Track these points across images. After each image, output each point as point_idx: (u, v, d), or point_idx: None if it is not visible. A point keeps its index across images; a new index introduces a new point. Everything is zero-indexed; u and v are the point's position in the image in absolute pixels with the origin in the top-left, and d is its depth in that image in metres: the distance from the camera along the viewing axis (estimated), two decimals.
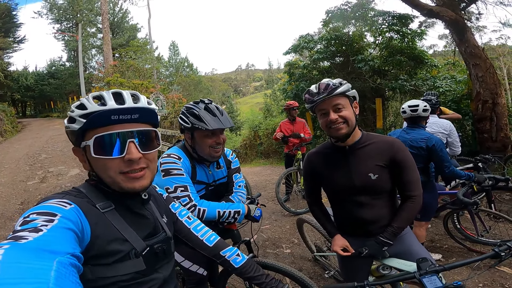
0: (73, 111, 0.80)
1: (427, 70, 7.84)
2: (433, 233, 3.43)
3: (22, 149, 10.06)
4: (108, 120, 0.77)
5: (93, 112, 0.78)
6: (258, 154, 10.93)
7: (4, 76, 16.32)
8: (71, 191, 0.82)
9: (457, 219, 3.04)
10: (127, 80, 12.80)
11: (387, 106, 8.65)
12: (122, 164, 0.79)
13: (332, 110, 1.38)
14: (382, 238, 1.39)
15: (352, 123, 1.41)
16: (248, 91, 64.01)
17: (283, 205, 4.43)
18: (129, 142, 0.79)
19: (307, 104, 1.46)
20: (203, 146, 1.58)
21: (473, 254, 2.89)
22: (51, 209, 0.67)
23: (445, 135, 3.21)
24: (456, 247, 3.03)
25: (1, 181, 6.99)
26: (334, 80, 1.40)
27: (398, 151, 1.41)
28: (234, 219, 1.62)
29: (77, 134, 0.80)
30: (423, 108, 2.60)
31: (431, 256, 1.56)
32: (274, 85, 24.66)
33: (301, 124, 5.02)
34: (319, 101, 1.38)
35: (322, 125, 1.45)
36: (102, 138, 0.77)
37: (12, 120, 15.01)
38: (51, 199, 0.72)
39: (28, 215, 0.64)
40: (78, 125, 0.79)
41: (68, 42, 24.57)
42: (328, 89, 1.36)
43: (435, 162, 2.56)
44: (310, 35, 8.99)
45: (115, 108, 0.78)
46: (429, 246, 3.12)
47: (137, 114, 0.81)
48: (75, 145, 0.84)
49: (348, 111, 1.40)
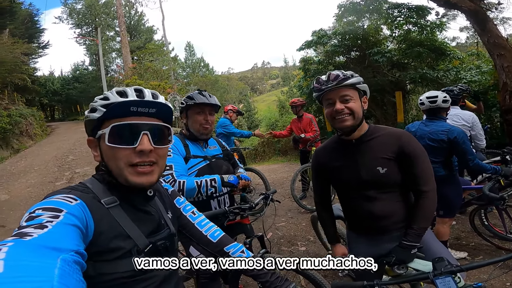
0: (96, 101, 0.85)
1: (450, 61, 7.46)
2: (459, 230, 3.26)
3: (51, 152, 10.63)
4: (127, 111, 0.81)
5: (114, 102, 0.82)
6: (276, 152, 10.90)
7: (32, 81, 17.15)
8: (77, 186, 0.83)
9: (484, 216, 2.86)
10: (145, 81, 13.17)
11: (409, 100, 8.32)
12: (133, 155, 0.80)
13: (339, 100, 1.34)
14: (406, 243, 1.30)
15: (359, 116, 1.35)
16: (265, 89, 63.82)
17: (299, 202, 4.38)
18: (142, 134, 0.81)
19: (315, 93, 1.42)
20: (194, 123, 1.84)
21: (502, 252, 2.72)
22: (56, 205, 0.67)
23: (468, 128, 3.03)
24: (484, 245, 2.87)
25: (31, 182, 7.42)
26: (346, 72, 1.36)
27: (407, 143, 1.35)
28: (213, 187, 1.72)
29: (95, 123, 0.84)
30: (443, 99, 2.46)
31: (451, 255, 1.48)
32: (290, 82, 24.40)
33: (307, 121, 4.97)
34: (326, 90, 1.34)
35: (327, 115, 1.40)
36: (118, 127, 0.80)
37: (42, 124, 15.82)
38: (57, 194, 0.73)
39: (34, 210, 0.65)
40: (98, 114, 0.82)
41: (89, 46, 25.55)
42: (337, 79, 1.32)
43: (458, 155, 2.42)
44: (324, 30, 8.81)
45: (135, 100, 0.83)
46: (455, 244, 2.98)
47: (154, 109, 0.84)
48: (90, 135, 0.87)
49: (355, 103, 1.35)
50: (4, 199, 6.32)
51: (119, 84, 16.08)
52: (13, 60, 13.43)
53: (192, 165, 1.80)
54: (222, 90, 27.05)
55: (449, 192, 2.46)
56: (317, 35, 8.61)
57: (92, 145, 0.88)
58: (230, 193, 1.97)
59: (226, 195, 1.94)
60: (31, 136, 13.33)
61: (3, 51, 12.78)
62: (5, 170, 8.81)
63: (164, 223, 0.94)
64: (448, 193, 2.46)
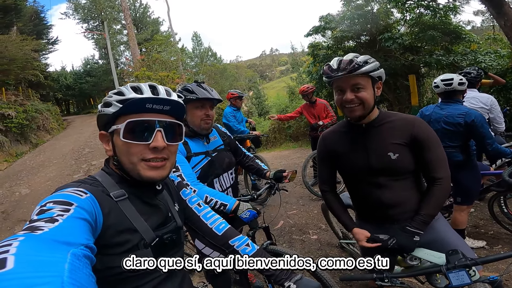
0: (111, 97, 0.86)
1: (466, 45, 7.17)
2: (477, 217, 3.16)
3: (68, 145, 10.97)
4: (143, 107, 0.82)
5: (130, 98, 0.83)
6: (287, 138, 10.87)
7: (44, 77, 17.49)
8: (87, 179, 0.84)
9: (504, 202, 2.76)
10: (154, 73, 13.20)
11: (423, 83, 8.07)
12: (147, 151, 0.82)
13: (350, 89, 1.28)
14: (410, 228, 1.26)
15: (369, 105, 1.30)
16: (274, 76, 62.97)
17: (310, 189, 4.33)
18: (157, 130, 0.83)
19: (325, 78, 1.36)
20: (194, 118, 1.73)
21: None
22: (67, 198, 0.68)
23: (486, 111, 2.88)
24: (503, 233, 2.78)
25: (50, 176, 7.70)
26: (360, 57, 1.28)
27: (420, 128, 1.29)
28: (220, 210, 1.62)
29: (109, 118, 0.84)
30: (459, 82, 2.35)
31: (467, 245, 1.43)
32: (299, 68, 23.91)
33: (321, 106, 4.80)
34: (336, 78, 1.28)
35: (337, 102, 1.35)
36: (133, 123, 0.81)
37: (58, 118, 16.24)
38: (68, 188, 0.74)
39: (45, 203, 0.65)
40: (113, 109, 0.83)
41: (97, 40, 25.71)
42: (349, 67, 1.24)
43: (476, 139, 2.32)
44: (331, 15, 8.54)
45: (151, 97, 0.84)
46: (472, 232, 2.89)
47: (168, 106, 0.86)
48: (103, 129, 0.88)
49: (367, 92, 1.29)
50: (25, 193, 6.62)
51: (129, 76, 16.21)
52: (23, 57, 13.67)
53: (194, 164, 1.74)
54: (231, 78, 26.85)
55: (466, 178, 2.38)
56: (325, 20, 8.37)
57: (104, 139, 0.89)
58: (233, 186, 1.96)
59: (230, 189, 1.93)
60: (48, 131, 13.75)
61: (13, 48, 12.98)
62: (25, 164, 9.17)
63: (171, 215, 0.95)
64: (465, 179, 2.38)
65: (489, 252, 2.59)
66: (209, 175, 1.78)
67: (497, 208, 2.80)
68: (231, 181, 1.93)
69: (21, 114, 11.50)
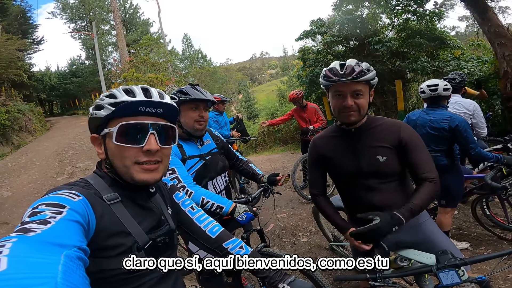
0: (103, 99, 0.84)
1: (450, 51, 7.44)
2: (460, 220, 3.25)
3: (52, 147, 10.63)
4: (136, 110, 0.82)
5: (123, 101, 0.82)
6: (276, 141, 10.89)
7: (28, 77, 17.04)
8: (79, 182, 0.83)
9: (486, 205, 2.85)
10: (143, 74, 13.04)
11: (409, 88, 8.29)
12: (140, 154, 0.82)
13: (350, 95, 1.30)
14: (397, 213, 1.23)
15: (364, 111, 1.35)
16: (264, 79, 63.39)
17: (300, 192, 4.37)
18: (150, 133, 0.82)
19: (324, 81, 1.36)
20: (188, 119, 1.73)
21: (503, 243, 2.73)
22: (60, 201, 0.67)
23: (469, 116, 2.99)
24: (486, 235, 2.87)
25: (33, 178, 7.44)
26: (362, 64, 1.31)
27: (405, 132, 1.35)
28: (216, 213, 1.63)
29: (101, 121, 0.83)
30: (444, 87, 2.43)
31: (455, 246, 1.47)
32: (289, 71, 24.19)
33: (312, 110, 4.84)
34: (340, 82, 1.30)
35: (334, 107, 1.37)
36: (126, 126, 0.81)
37: (41, 119, 15.77)
38: (60, 190, 0.73)
39: (37, 205, 0.64)
40: (105, 112, 0.82)
41: (84, 40, 25.24)
42: (354, 73, 1.27)
43: (460, 144, 2.41)
44: (322, 19, 8.68)
45: (144, 100, 0.83)
46: (456, 234, 2.98)
47: (162, 109, 0.85)
48: (94, 132, 0.87)
49: (364, 99, 1.33)
50: (6, 196, 6.35)
51: (117, 78, 15.94)
52: (8, 56, 13.34)
53: (189, 167, 1.74)
54: (221, 81, 26.82)
55: (451, 182, 2.45)
56: (315, 25, 8.49)
57: (96, 143, 0.88)
58: (227, 188, 1.96)
59: (224, 191, 1.93)
60: (30, 132, 13.32)
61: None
62: (6, 166, 8.84)
63: (164, 219, 0.94)
64: (450, 183, 2.45)
65: (473, 253, 2.66)
66: (203, 178, 1.78)
67: (479, 210, 2.88)
68: (224, 184, 1.94)
69: (3, 114, 11.14)
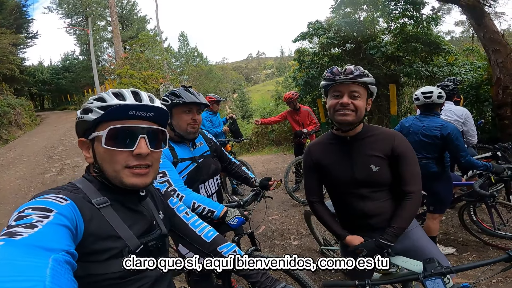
0: (92, 103, 0.83)
1: (444, 56, 7.53)
2: (447, 225, 3.31)
3: (41, 142, 10.43)
4: (126, 114, 0.81)
5: (112, 105, 0.81)
6: (270, 142, 10.93)
7: (20, 71, 16.77)
8: (67, 186, 0.82)
9: (473, 211, 2.90)
10: (137, 71, 12.91)
11: (402, 92, 8.39)
12: (130, 158, 0.81)
13: (348, 94, 1.33)
14: (382, 241, 1.33)
15: (361, 115, 1.35)
16: (259, 79, 63.49)
17: (292, 194, 4.38)
18: (140, 137, 0.82)
19: (324, 82, 1.39)
20: (181, 122, 1.71)
21: (489, 248, 2.78)
22: (46, 205, 0.66)
23: (460, 123, 3.04)
24: (472, 241, 2.92)
25: (20, 174, 7.29)
26: (362, 69, 1.34)
27: (399, 143, 1.38)
28: (207, 217, 1.61)
29: (90, 125, 0.82)
30: (438, 95, 2.46)
31: (441, 253, 1.49)
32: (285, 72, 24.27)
33: (305, 113, 4.86)
34: (339, 81, 1.32)
35: (330, 107, 1.38)
36: (116, 130, 0.80)
37: (31, 114, 15.50)
38: (47, 194, 0.72)
39: (23, 210, 0.63)
40: (94, 115, 0.81)
41: (79, 36, 24.97)
42: (353, 74, 1.30)
43: (451, 152, 2.44)
44: (320, 21, 8.72)
45: (134, 104, 0.83)
46: (443, 239, 3.02)
47: (152, 113, 0.85)
48: (82, 136, 0.86)
49: (362, 102, 1.34)
50: None
51: (111, 74, 15.76)
52: (0, 50, 13.01)
53: (181, 170, 1.72)
54: (216, 79, 26.75)
55: (440, 188, 2.49)
56: (313, 27, 8.52)
57: (84, 146, 0.87)
58: (218, 191, 1.95)
59: (215, 194, 1.92)
60: (20, 126, 13.07)
61: None
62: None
63: (155, 223, 0.94)
64: (439, 189, 2.48)
65: (458, 258, 2.72)
66: (195, 181, 1.77)
67: (466, 216, 2.94)
68: (216, 187, 1.93)
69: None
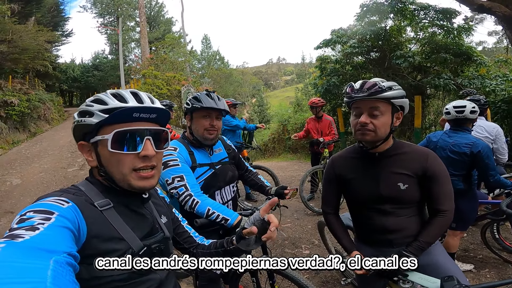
0: (92, 106, 0.82)
1: (476, 68, 7.09)
2: (467, 242, 3.16)
3: (66, 137, 10.85)
4: (130, 116, 0.81)
5: (115, 108, 0.80)
6: (286, 149, 10.85)
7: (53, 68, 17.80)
8: (70, 189, 0.82)
9: (496, 229, 2.79)
10: (161, 72, 13.29)
11: (427, 104, 8.02)
12: (136, 160, 0.81)
13: (367, 112, 1.26)
14: (406, 253, 1.25)
15: (382, 134, 1.28)
16: (279, 85, 63.47)
17: (306, 203, 4.31)
18: (146, 139, 0.82)
19: (346, 99, 1.35)
20: (199, 127, 1.70)
21: (508, 265, 2.67)
22: (48, 207, 0.67)
23: (491, 141, 2.87)
24: (491, 258, 2.80)
25: (44, 167, 7.60)
26: (385, 83, 1.26)
27: (432, 163, 1.31)
28: (221, 224, 1.57)
29: (91, 128, 0.81)
30: (471, 110, 2.32)
31: (460, 270, 1.40)
32: (305, 79, 24.12)
33: (326, 123, 4.81)
34: (357, 99, 1.27)
35: (352, 124, 1.34)
36: (122, 133, 0.80)
37: (59, 109, 16.33)
38: (49, 197, 0.72)
39: (25, 213, 0.64)
40: (96, 119, 0.80)
41: (110, 35, 26.19)
42: (371, 89, 1.23)
43: (479, 170, 2.31)
44: (343, 29, 8.61)
45: (138, 106, 0.83)
46: (462, 256, 2.90)
47: (155, 114, 0.85)
48: (82, 140, 0.85)
49: (383, 120, 1.26)
50: (16, 184, 6.44)
51: (136, 74, 16.31)
52: (36, 47, 13.86)
53: (198, 175, 1.71)
54: (236, 83, 27.03)
55: (465, 206, 2.35)
56: (336, 34, 8.41)
57: (84, 150, 0.86)
58: (234, 199, 1.93)
59: (230, 201, 1.90)
60: (48, 121, 13.77)
61: (28, 38, 13.17)
62: (20, 153, 9.10)
63: (158, 226, 0.93)
64: (464, 207, 2.35)
65: (476, 275, 2.63)
66: (211, 187, 1.75)
67: (488, 234, 2.82)
68: (232, 194, 1.90)
69: (24, 102, 11.51)
